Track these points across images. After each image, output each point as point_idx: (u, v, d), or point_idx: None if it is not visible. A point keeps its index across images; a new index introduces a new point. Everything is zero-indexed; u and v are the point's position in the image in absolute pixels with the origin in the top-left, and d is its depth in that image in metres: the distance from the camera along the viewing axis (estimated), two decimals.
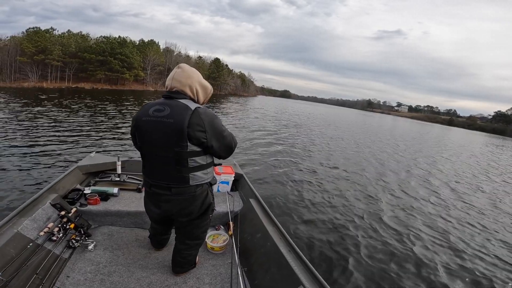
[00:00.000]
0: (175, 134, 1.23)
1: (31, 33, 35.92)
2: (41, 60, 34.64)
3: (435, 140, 21.98)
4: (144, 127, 1.29)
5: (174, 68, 1.36)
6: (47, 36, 36.74)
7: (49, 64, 35.50)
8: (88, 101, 16.81)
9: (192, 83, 1.34)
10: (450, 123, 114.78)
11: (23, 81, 33.50)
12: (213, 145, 1.31)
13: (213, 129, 1.29)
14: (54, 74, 36.67)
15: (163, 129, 1.24)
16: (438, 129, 50.26)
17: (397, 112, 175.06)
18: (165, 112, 1.25)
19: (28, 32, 36.21)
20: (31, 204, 1.71)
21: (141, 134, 1.32)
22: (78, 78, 38.75)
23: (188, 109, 1.24)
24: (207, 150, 1.34)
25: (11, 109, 10.66)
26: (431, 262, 3.05)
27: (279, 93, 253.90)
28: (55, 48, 35.93)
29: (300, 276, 1.35)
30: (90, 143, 6.36)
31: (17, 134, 6.42)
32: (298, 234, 3.21)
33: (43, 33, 36.59)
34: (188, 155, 1.28)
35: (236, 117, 16.84)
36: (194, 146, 1.27)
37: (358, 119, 39.06)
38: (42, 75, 35.53)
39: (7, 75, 33.15)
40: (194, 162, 1.31)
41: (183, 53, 62.51)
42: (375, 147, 11.99)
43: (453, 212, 4.88)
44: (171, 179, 1.33)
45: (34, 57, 33.96)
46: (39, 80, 34.80)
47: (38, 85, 32.92)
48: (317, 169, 6.52)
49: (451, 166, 10.03)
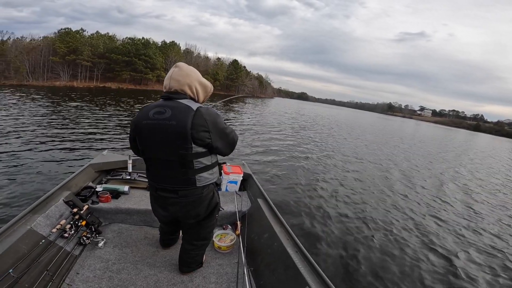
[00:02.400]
0: (178, 136, 1.19)
1: (63, 34, 38.45)
2: (72, 60, 37.02)
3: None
4: (145, 131, 1.24)
5: (172, 67, 1.31)
6: (78, 37, 39.18)
7: (79, 64, 37.83)
8: (110, 100, 17.64)
9: (191, 81, 1.29)
10: (477, 129, 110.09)
11: (55, 80, 35.98)
12: (217, 144, 1.28)
13: (216, 128, 1.25)
14: (83, 74, 39.02)
15: (165, 132, 1.19)
16: (463, 135, 47.43)
17: (419, 116, 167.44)
18: (166, 114, 1.19)
19: (60, 33, 38.80)
20: (45, 201, 1.75)
21: (143, 138, 1.27)
22: (106, 78, 40.95)
23: (190, 109, 1.19)
24: (212, 150, 1.30)
25: (36, 106, 11.40)
26: (441, 269, 2.94)
27: (296, 95, 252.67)
28: (85, 49, 38.25)
29: (307, 277, 1.33)
30: (104, 141, 6.59)
31: (37, 131, 6.75)
32: (306, 235, 3.18)
33: (74, 34, 39.08)
34: (193, 156, 1.24)
35: (253, 118, 16.94)
36: (199, 147, 1.23)
37: (376, 123, 37.71)
38: (73, 74, 37.94)
39: (40, 74, 35.61)
40: (200, 163, 1.27)
41: (202, 54, 64.00)
42: (387, 149, 11.51)
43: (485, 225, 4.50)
44: (177, 182, 1.30)
45: (66, 57, 36.38)
46: (69, 79, 37.20)
47: (69, 84, 35.23)
48: (329, 171, 6.38)
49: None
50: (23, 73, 33.52)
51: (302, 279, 1.34)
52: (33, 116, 8.84)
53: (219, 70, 61.39)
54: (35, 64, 35.21)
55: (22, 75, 33.40)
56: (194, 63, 51.00)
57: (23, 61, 33.61)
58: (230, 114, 16.86)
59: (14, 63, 33.15)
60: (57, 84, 34.34)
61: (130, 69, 41.16)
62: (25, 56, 33.87)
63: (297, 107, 45.47)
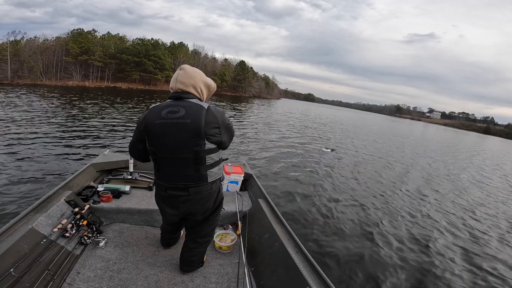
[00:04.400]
0: (193, 134, 1.24)
1: (75, 34, 39.44)
2: (84, 60, 37.97)
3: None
4: (158, 131, 1.26)
5: (177, 70, 1.36)
6: (90, 37, 40.14)
7: (91, 64, 38.78)
8: (118, 100, 17.95)
9: (196, 82, 1.35)
10: (487, 131, 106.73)
11: (68, 80, 37.00)
12: (224, 139, 1.35)
13: (224, 124, 1.33)
14: (95, 74, 39.97)
15: (181, 130, 1.24)
16: (473, 138, 46.20)
17: (428, 119, 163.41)
18: (180, 113, 1.24)
19: (73, 33, 39.80)
20: (46, 201, 1.75)
21: (155, 138, 1.28)
22: (116, 78, 41.83)
23: (202, 108, 1.26)
24: (220, 146, 1.36)
25: (43, 105, 11.63)
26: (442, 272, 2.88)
27: (302, 96, 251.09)
28: (97, 49, 39.17)
29: (307, 278, 1.33)
30: (106, 141, 6.63)
31: (39, 131, 6.81)
32: (307, 236, 3.17)
33: (86, 34, 40.06)
34: (206, 153, 1.30)
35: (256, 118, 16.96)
36: (211, 144, 1.29)
37: (383, 125, 37.16)
38: (85, 74, 38.92)
39: (53, 74, 36.64)
40: (211, 159, 1.33)
41: (209, 55, 64.48)
42: (388, 148, 11.26)
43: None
44: (189, 179, 1.34)
45: (78, 57, 37.34)
46: (81, 79, 38.16)
47: (81, 84, 36.16)
48: (330, 172, 6.33)
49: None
50: (37, 73, 34.55)
51: (302, 279, 1.34)
52: (38, 115, 9.01)
53: (226, 71, 61.72)
54: (48, 64, 36.26)
55: (36, 75, 34.43)
56: (202, 64, 51.38)
57: (37, 61, 34.64)
58: (233, 114, 16.95)
59: (28, 63, 34.20)
60: (70, 83, 35.28)
61: (140, 69, 41.90)
62: (38, 56, 34.89)
63: (302, 108, 45.32)
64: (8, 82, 30.73)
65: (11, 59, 33.35)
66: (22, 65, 34.18)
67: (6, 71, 32.67)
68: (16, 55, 34.20)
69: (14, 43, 35.73)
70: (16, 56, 34.13)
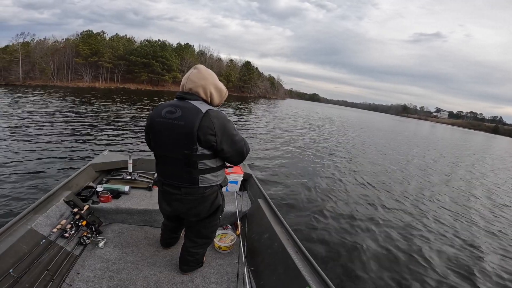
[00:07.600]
0: (185, 137, 1.23)
1: (85, 36, 40.15)
2: (94, 61, 38.73)
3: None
4: (157, 128, 1.31)
5: (191, 69, 1.36)
6: (99, 39, 40.87)
7: (101, 66, 39.54)
8: (124, 100, 18.08)
9: (206, 84, 1.33)
10: (495, 131, 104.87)
11: (78, 81, 37.81)
12: (223, 149, 1.29)
13: (223, 133, 1.27)
14: (104, 75, 40.75)
15: (174, 131, 1.25)
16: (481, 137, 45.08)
17: (435, 118, 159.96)
18: (176, 114, 1.25)
19: (82, 35, 40.51)
20: (45, 201, 1.75)
21: (154, 135, 1.34)
22: (125, 79, 42.56)
23: (199, 112, 1.23)
24: (217, 154, 1.32)
25: (44, 106, 11.65)
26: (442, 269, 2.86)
27: (307, 96, 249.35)
28: (106, 51, 39.90)
29: (307, 277, 1.33)
30: (105, 141, 6.64)
31: (39, 131, 6.83)
32: (306, 235, 3.16)
33: (95, 36, 40.77)
34: (198, 157, 1.28)
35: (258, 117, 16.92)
36: (204, 149, 1.26)
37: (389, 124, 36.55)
38: (95, 75, 39.70)
39: (64, 75, 37.38)
40: (204, 164, 1.31)
41: (215, 56, 64.80)
42: (391, 149, 10.95)
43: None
44: (181, 179, 1.35)
45: (89, 59, 38.12)
46: (92, 80, 38.95)
47: (91, 85, 36.88)
48: (330, 172, 6.25)
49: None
50: (48, 74, 35.35)
51: (302, 279, 1.33)
52: (38, 115, 9.12)
53: (232, 71, 61.93)
54: (59, 65, 37.03)
55: (47, 76, 35.25)
56: (208, 64, 51.77)
57: (48, 62, 35.43)
58: (238, 114, 16.95)
59: (39, 64, 35.00)
60: (80, 84, 36.04)
61: (148, 70, 42.49)
62: (49, 57, 35.69)
63: (306, 108, 45.01)
64: (20, 83, 31.57)
65: (22, 61, 34.07)
66: (33, 66, 34.95)
67: (18, 72, 33.44)
68: (27, 57, 34.92)
69: (24, 44, 36.29)
70: (27, 58, 34.82)
